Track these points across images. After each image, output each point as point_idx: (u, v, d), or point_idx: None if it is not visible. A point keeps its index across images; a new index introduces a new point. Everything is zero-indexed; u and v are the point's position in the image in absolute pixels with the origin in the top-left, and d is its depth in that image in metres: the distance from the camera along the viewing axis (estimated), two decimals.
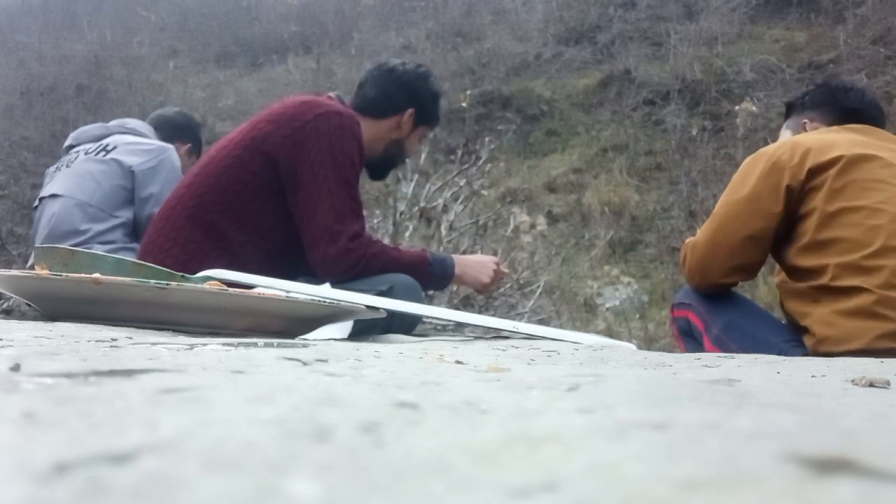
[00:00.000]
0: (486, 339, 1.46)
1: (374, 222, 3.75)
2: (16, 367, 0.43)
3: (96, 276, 0.97)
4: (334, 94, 1.91)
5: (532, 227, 4.82)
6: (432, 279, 1.78)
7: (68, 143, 2.44)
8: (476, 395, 0.40)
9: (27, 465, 0.21)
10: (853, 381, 0.63)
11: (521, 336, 1.45)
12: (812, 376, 0.71)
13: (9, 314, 1.65)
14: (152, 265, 1.23)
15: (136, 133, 2.40)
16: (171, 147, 2.36)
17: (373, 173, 2.04)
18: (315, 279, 1.63)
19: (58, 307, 1.07)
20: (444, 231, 3.59)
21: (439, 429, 0.29)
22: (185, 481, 0.20)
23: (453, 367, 0.64)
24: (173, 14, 11.53)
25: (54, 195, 2.24)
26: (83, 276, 0.98)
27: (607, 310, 4.97)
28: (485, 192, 4.89)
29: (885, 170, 1.52)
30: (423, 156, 3.96)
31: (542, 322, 3.61)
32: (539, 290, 3.96)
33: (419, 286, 1.70)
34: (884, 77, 6.64)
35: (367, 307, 1.25)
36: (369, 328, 1.56)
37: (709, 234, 1.65)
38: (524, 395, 0.41)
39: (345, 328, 1.41)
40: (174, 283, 1.02)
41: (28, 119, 8.18)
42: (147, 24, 10.85)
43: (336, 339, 1.28)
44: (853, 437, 0.31)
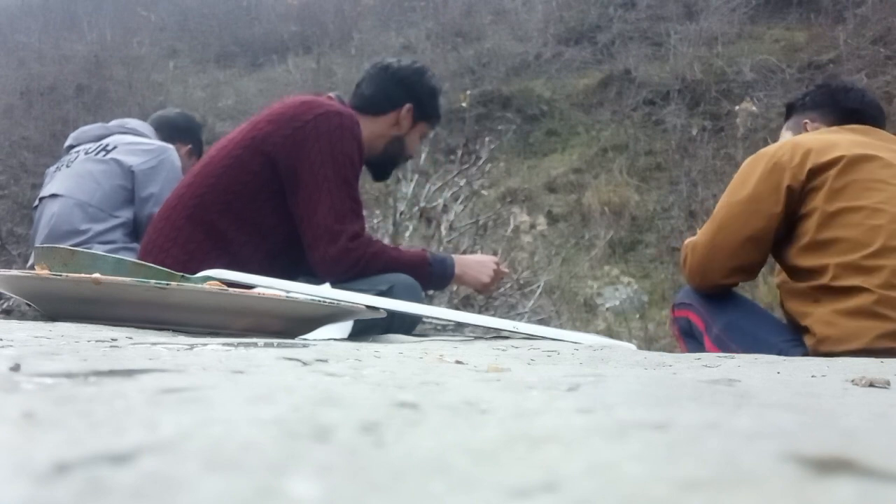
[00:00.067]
0: (486, 339, 1.46)
1: (374, 222, 3.75)
2: (16, 367, 0.43)
3: (96, 276, 0.97)
4: (334, 94, 1.91)
5: (532, 227, 4.82)
6: (432, 279, 1.78)
7: (68, 143, 2.44)
8: (476, 395, 0.40)
9: (27, 465, 0.21)
10: (853, 381, 0.63)
11: (521, 336, 1.45)
12: (812, 376, 0.71)
13: (9, 314, 1.64)
14: (152, 265, 1.23)
15: (136, 133, 2.40)
16: (171, 147, 2.36)
17: (375, 173, 2.04)
18: (315, 279, 1.63)
19: (58, 307, 1.07)
20: (444, 231, 3.59)
21: (439, 429, 0.29)
22: (185, 481, 0.20)
23: (453, 367, 0.64)
24: (173, 14, 11.53)
25: (54, 195, 2.24)
26: (83, 276, 0.98)
27: (607, 310, 4.97)
28: (485, 192, 4.89)
29: (886, 170, 1.52)
30: (423, 156, 3.96)
31: (542, 322, 3.61)
32: (539, 290, 3.96)
33: (419, 286, 1.70)
34: (884, 77, 6.65)
35: (367, 307, 1.25)
36: (369, 328, 1.56)
37: (709, 235, 1.64)
38: (524, 395, 0.41)
39: (345, 328, 1.41)
40: (174, 283, 1.02)
41: (28, 119, 8.18)
42: (147, 24, 10.86)
43: (336, 339, 1.28)
44: (853, 437, 0.31)
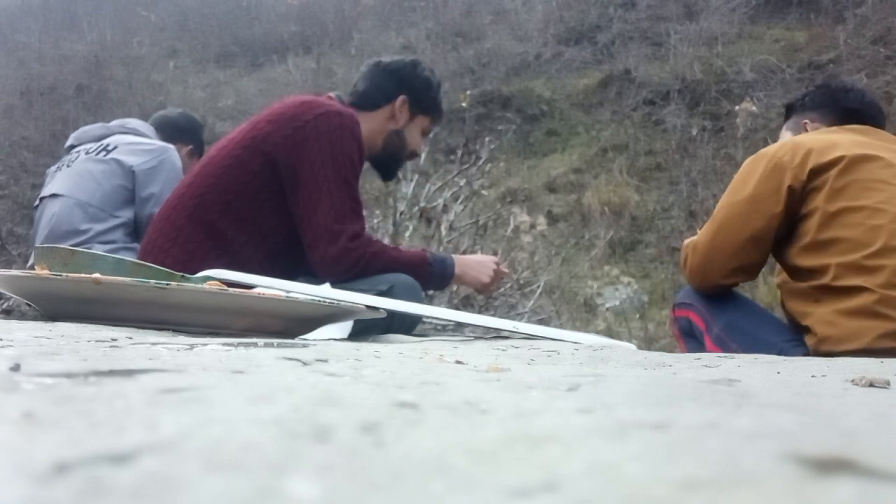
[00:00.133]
0: (486, 339, 1.46)
1: (374, 222, 3.75)
2: (16, 367, 0.43)
3: (96, 276, 0.97)
4: (334, 94, 1.91)
5: (532, 227, 4.82)
6: (432, 279, 1.78)
7: (69, 142, 2.44)
8: (476, 395, 0.40)
9: (27, 465, 0.21)
10: (853, 381, 0.63)
11: (521, 336, 1.45)
12: (812, 376, 0.71)
13: (9, 314, 1.64)
14: (152, 265, 1.23)
15: (136, 133, 2.40)
16: (171, 147, 2.35)
17: (382, 172, 2.03)
18: (315, 279, 1.63)
19: (58, 307, 1.07)
20: (444, 231, 3.59)
21: (439, 429, 0.29)
22: (185, 481, 0.20)
23: (453, 367, 0.64)
24: (173, 14, 11.53)
25: (55, 195, 2.24)
26: (83, 276, 0.98)
27: (607, 310, 4.97)
28: (485, 192, 4.89)
29: (886, 170, 1.52)
30: (423, 156, 3.95)
31: (542, 322, 3.61)
32: (539, 290, 3.96)
33: (419, 286, 1.70)
34: (884, 77, 6.65)
35: (367, 307, 1.25)
36: (369, 328, 1.56)
37: (710, 236, 1.64)
38: (524, 395, 0.41)
39: (345, 328, 1.41)
40: (174, 283, 1.02)
41: (28, 119, 8.18)
42: (147, 24, 10.86)
43: (336, 339, 1.28)
44: (853, 437, 0.31)
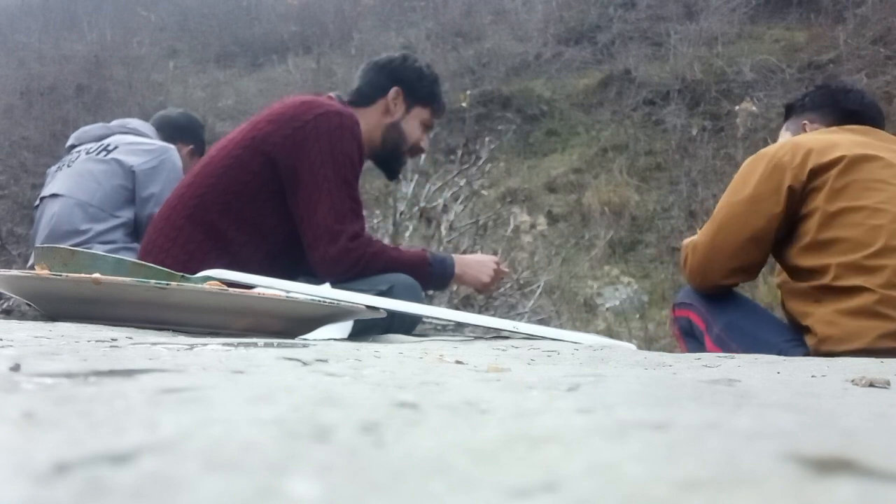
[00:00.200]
0: (486, 339, 1.46)
1: (374, 222, 3.75)
2: (16, 367, 0.43)
3: (96, 276, 0.97)
4: (334, 94, 1.91)
5: (532, 227, 4.82)
6: (432, 279, 1.78)
7: (70, 142, 2.44)
8: (476, 395, 0.40)
9: (27, 465, 0.21)
10: (853, 381, 0.63)
11: (521, 336, 1.45)
12: (812, 376, 0.71)
13: (9, 314, 1.64)
14: (152, 265, 1.23)
15: (137, 133, 2.40)
16: (172, 147, 2.35)
17: (386, 170, 2.03)
18: (315, 279, 1.63)
19: (58, 307, 1.07)
20: (444, 231, 3.59)
21: (439, 429, 0.29)
22: (185, 481, 0.20)
23: (453, 367, 0.64)
24: (173, 14, 11.53)
25: (55, 195, 2.24)
26: (83, 276, 0.98)
27: (607, 310, 4.97)
28: (485, 192, 4.89)
29: (887, 170, 1.52)
30: (423, 156, 3.95)
31: (542, 322, 3.61)
32: (539, 290, 3.96)
33: (419, 286, 1.70)
34: (884, 77, 6.65)
35: (367, 307, 1.25)
36: (369, 328, 1.56)
37: (710, 236, 1.64)
38: (524, 395, 0.41)
39: (345, 328, 1.41)
40: (174, 283, 1.02)
41: (28, 119, 8.18)
42: (147, 24, 10.86)
43: (336, 339, 1.28)
44: (853, 437, 0.31)
